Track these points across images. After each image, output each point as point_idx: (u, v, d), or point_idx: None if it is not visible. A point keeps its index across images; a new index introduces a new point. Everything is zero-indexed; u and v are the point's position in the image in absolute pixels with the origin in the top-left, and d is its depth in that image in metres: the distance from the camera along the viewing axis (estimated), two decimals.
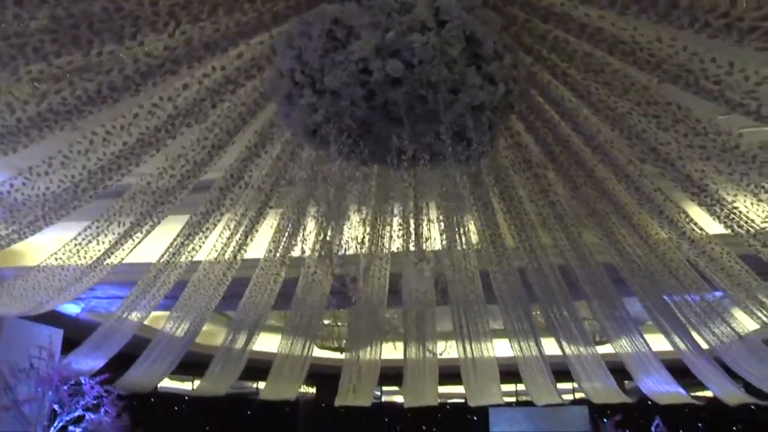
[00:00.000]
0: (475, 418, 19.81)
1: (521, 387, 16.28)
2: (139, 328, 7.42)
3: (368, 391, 11.92)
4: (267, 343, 10.04)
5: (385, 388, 16.14)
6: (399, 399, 17.49)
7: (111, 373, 10.15)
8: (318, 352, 12.05)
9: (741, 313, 7.09)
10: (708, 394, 14.45)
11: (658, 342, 9.24)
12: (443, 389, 14.08)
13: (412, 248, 4.58)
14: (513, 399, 19.27)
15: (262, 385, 14.67)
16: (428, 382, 10.90)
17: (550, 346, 9.07)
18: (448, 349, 8.88)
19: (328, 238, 3.34)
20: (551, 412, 17.87)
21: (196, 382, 14.79)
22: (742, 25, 2.63)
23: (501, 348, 9.64)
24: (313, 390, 20.12)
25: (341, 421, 19.68)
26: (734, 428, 17.27)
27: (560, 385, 12.88)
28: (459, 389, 14.68)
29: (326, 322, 11.31)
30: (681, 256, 5.88)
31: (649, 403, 13.07)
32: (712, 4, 2.61)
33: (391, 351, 9.45)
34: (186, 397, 15.40)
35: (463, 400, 17.41)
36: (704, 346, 8.33)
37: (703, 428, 14.76)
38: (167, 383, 15.13)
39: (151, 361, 8.73)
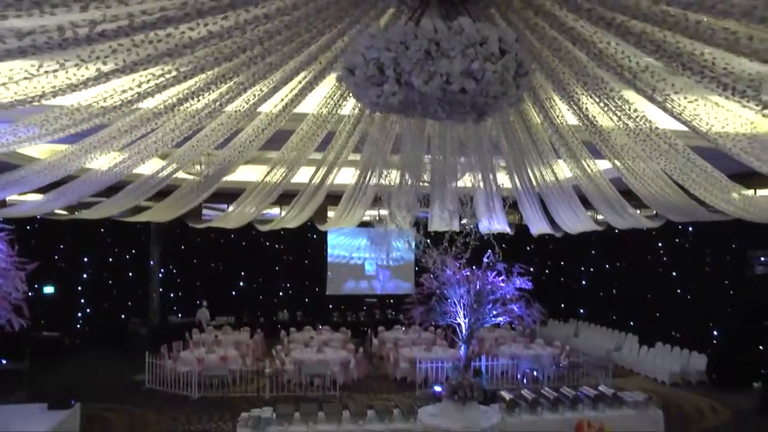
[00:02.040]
0: (314, 236, 21.92)
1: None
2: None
3: (243, 215, 12.81)
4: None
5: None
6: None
7: None
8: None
9: (563, 164, 9.22)
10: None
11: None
12: None
13: None
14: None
15: None
16: (307, 209, 12.18)
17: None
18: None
19: None
20: (382, 231, 20.39)
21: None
22: (665, 53, 3.96)
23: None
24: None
25: (190, 237, 20.76)
26: (527, 248, 21.48)
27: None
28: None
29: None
30: (546, 138, 7.62)
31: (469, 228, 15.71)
32: (653, 38, 3.87)
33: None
34: (38, 217, 15.21)
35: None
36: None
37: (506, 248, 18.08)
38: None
39: (66, 197, 8.96)
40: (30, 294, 16.53)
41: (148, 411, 12.46)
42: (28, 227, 16.57)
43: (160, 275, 20.82)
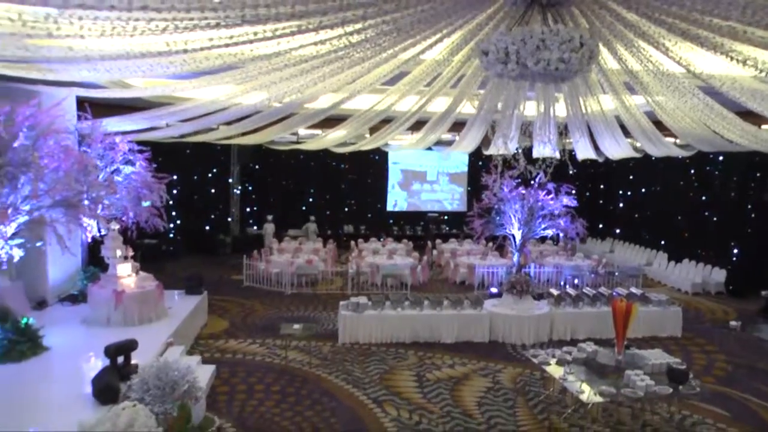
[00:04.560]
0: (377, 157, 24.16)
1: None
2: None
3: (331, 139, 15.04)
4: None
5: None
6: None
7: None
8: None
9: (607, 98, 11.14)
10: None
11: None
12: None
13: None
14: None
15: None
16: (383, 136, 14.41)
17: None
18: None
19: None
20: (440, 153, 22.59)
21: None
22: (688, 36, 6.02)
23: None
24: None
25: (262, 156, 23.24)
26: (570, 172, 23.38)
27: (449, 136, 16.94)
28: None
29: None
30: (594, 78, 9.65)
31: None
32: (680, 27, 5.93)
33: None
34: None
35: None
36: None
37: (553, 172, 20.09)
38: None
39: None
40: None
41: (254, 302, 15.21)
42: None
43: (238, 192, 23.41)
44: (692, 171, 19.52)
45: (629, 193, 23.37)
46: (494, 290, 14.71)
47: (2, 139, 9.21)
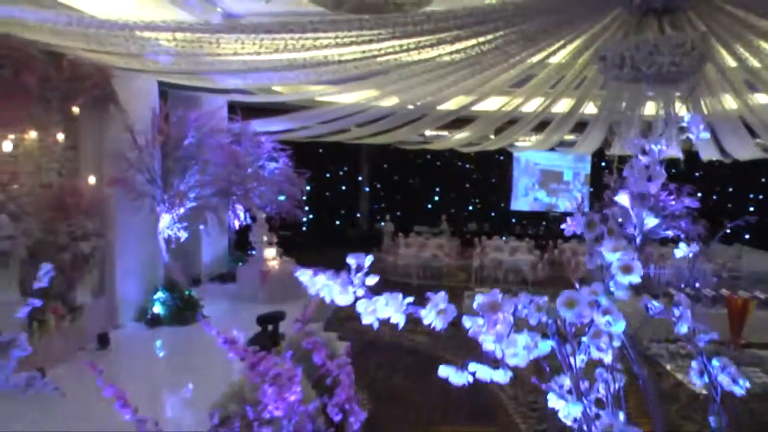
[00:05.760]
0: (501, 158, 24.67)
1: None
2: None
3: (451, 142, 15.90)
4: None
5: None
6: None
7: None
8: None
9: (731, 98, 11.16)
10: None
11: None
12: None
13: None
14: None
15: None
16: (508, 137, 15.10)
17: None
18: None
19: None
20: (561, 152, 22.81)
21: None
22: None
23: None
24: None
25: (391, 155, 24.41)
26: (696, 174, 22.80)
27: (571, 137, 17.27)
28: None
29: None
30: (714, 78, 9.80)
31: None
32: None
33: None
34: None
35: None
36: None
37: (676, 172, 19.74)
38: None
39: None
40: None
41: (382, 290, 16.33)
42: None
43: (367, 189, 24.78)
44: None
45: (761, 196, 22.36)
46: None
47: (175, 138, 10.97)
